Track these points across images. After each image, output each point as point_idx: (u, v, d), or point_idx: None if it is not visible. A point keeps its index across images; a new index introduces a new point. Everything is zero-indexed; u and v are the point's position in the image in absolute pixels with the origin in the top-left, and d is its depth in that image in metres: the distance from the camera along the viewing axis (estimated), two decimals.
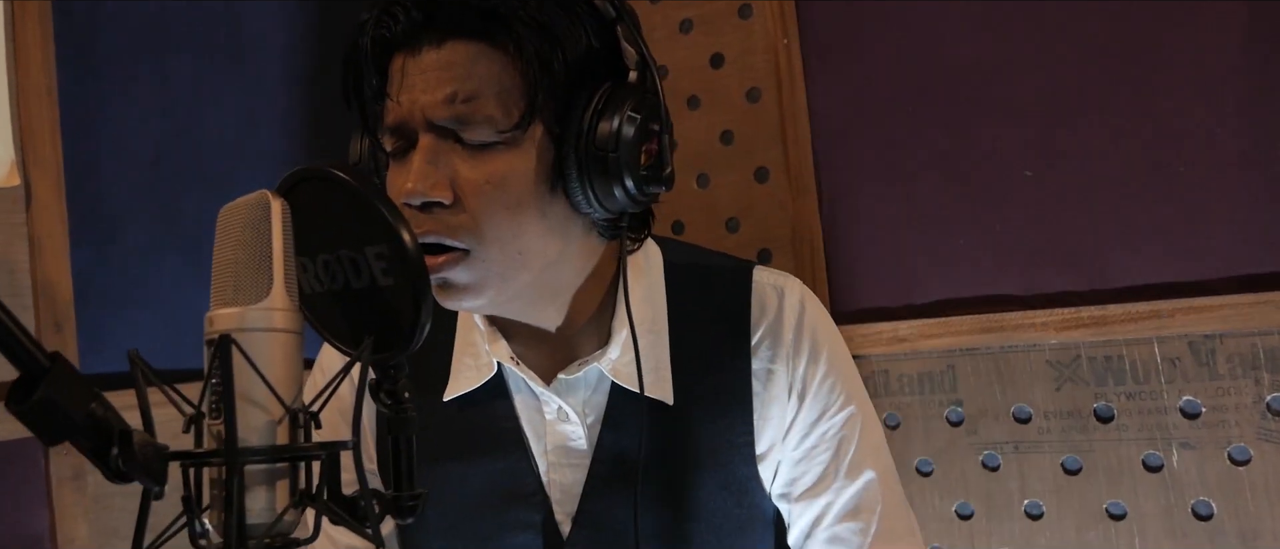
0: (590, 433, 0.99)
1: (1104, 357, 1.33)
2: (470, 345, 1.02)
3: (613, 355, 0.97)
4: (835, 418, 1.02)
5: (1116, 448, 1.33)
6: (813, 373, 1.02)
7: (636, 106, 0.86)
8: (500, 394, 1.01)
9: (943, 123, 1.45)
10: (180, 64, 1.41)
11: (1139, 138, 1.33)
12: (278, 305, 0.62)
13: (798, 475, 1.02)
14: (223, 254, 0.63)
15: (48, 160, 1.21)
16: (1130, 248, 1.33)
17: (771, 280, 1.05)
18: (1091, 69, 1.35)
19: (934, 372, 1.44)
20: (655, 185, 0.89)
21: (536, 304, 0.97)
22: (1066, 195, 1.37)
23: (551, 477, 0.99)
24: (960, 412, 1.43)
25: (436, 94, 0.84)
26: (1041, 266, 1.39)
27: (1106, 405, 1.34)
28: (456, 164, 0.86)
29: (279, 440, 0.62)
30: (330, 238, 0.66)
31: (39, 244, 1.20)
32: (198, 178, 1.38)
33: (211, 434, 0.60)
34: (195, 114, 1.42)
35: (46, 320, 1.19)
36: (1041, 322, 1.35)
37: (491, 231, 0.86)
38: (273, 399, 0.61)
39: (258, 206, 0.64)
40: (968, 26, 1.43)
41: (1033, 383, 1.38)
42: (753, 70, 1.59)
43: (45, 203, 1.21)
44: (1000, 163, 1.41)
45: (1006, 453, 1.40)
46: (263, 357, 0.61)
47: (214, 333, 0.61)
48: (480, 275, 0.88)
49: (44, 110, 1.21)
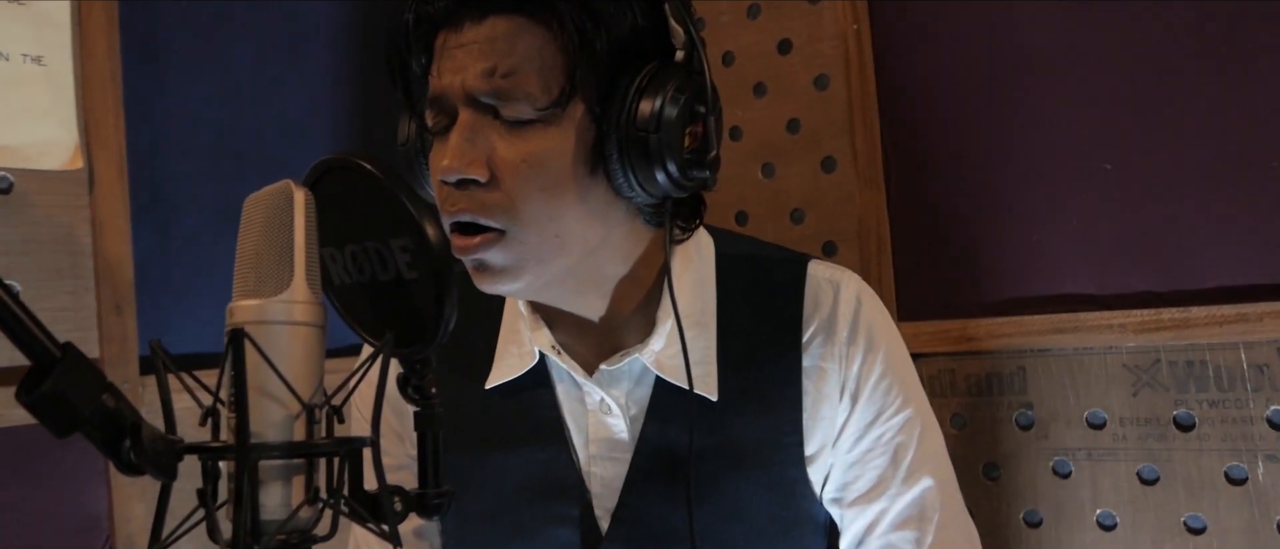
0: (633, 426, 0.97)
1: (1186, 361, 1.27)
2: (515, 333, 1.01)
3: (656, 347, 0.95)
4: (892, 421, 0.99)
5: (1197, 458, 1.27)
6: (867, 373, 0.99)
7: (681, 87, 0.84)
8: (542, 383, 1.00)
9: (1018, 112, 1.40)
10: (241, 53, 1.42)
11: (1227, 128, 1.26)
12: (299, 298, 0.61)
13: (850, 480, 0.99)
14: (245, 245, 0.63)
15: (111, 144, 1.23)
16: (1216, 245, 1.27)
17: (827, 274, 1.02)
18: (1176, 56, 1.29)
19: (1003, 373, 1.39)
20: (699, 170, 0.86)
21: (579, 292, 0.95)
22: (1148, 189, 1.31)
23: (591, 469, 0.98)
24: (1031, 415, 1.38)
25: (475, 68, 0.83)
26: (1120, 264, 1.33)
27: (1187, 413, 1.28)
28: (494, 141, 0.85)
29: (296, 436, 0.61)
30: (358, 229, 0.66)
31: (101, 227, 1.22)
32: (257, 163, 1.40)
33: (229, 427, 0.60)
34: (256, 100, 1.43)
35: (108, 302, 1.21)
36: (1119, 322, 1.30)
37: (527, 212, 0.85)
38: (289, 394, 0.60)
39: (280, 196, 0.64)
40: (1045, 11, 1.37)
41: (1108, 387, 1.32)
42: (821, 57, 1.55)
43: (108, 186, 1.23)
44: (1078, 154, 1.35)
45: (1079, 459, 1.35)
46: (281, 349, 0.60)
47: (232, 325, 0.60)
48: (517, 257, 0.86)
49: (108, 96, 1.23)
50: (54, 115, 1.18)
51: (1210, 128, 1.27)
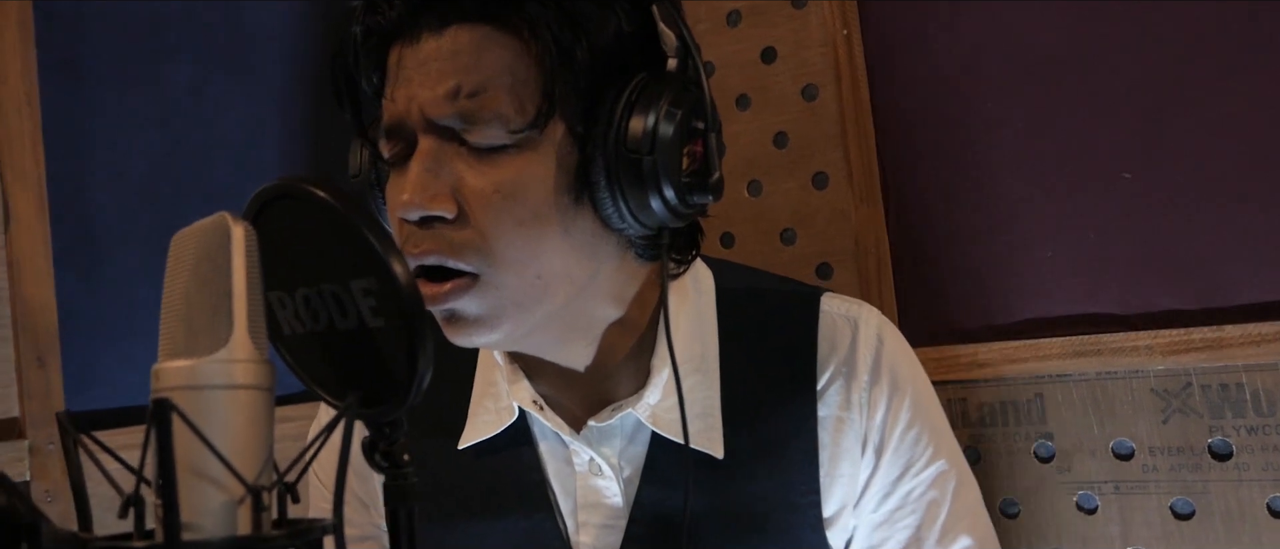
0: (626, 489, 0.89)
1: (1220, 385, 1.21)
2: (490, 385, 0.93)
3: (651, 400, 0.87)
4: (922, 475, 0.91)
5: (1236, 489, 1.20)
6: (893, 421, 0.91)
7: (676, 100, 0.76)
8: (524, 442, 0.91)
9: (1027, 120, 1.34)
10: (176, 69, 1.36)
11: (1256, 132, 1.20)
12: (239, 356, 0.52)
13: (877, 543, 0.92)
14: (172, 292, 0.53)
15: (29, 176, 1.16)
16: (1249, 259, 1.21)
17: (843, 310, 0.95)
18: (1199, 54, 1.23)
19: (1020, 400, 1.33)
20: (700, 195, 0.78)
21: (563, 340, 0.86)
22: (1173, 199, 1.25)
23: (581, 539, 0.89)
24: (1051, 446, 1.32)
25: (437, 88, 0.75)
26: (1145, 281, 1.27)
27: (1224, 440, 1.21)
28: (461, 171, 0.76)
29: (240, 526, 0.51)
30: (310, 269, 0.56)
31: (19, 269, 1.14)
32: (197, 195, 1.34)
33: (157, 516, 0.49)
34: (194, 124, 1.37)
35: (28, 354, 1.14)
36: (1145, 344, 1.24)
37: (504, 252, 0.76)
38: (230, 475, 0.50)
39: (215, 232, 0.55)
40: (1053, 9, 1.31)
41: (1135, 414, 1.26)
42: (809, 65, 1.49)
43: (27, 223, 1.15)
44: (1094, 164, 1.30)
45: (1105, 493, 1.28)
46: (219, 420, 0.51)
47: (158, 392, 0.50)
48: (493, 305, 0.77)
49: (24, 121, 1.15)
50: None
51: (1238, 131, 1.22)
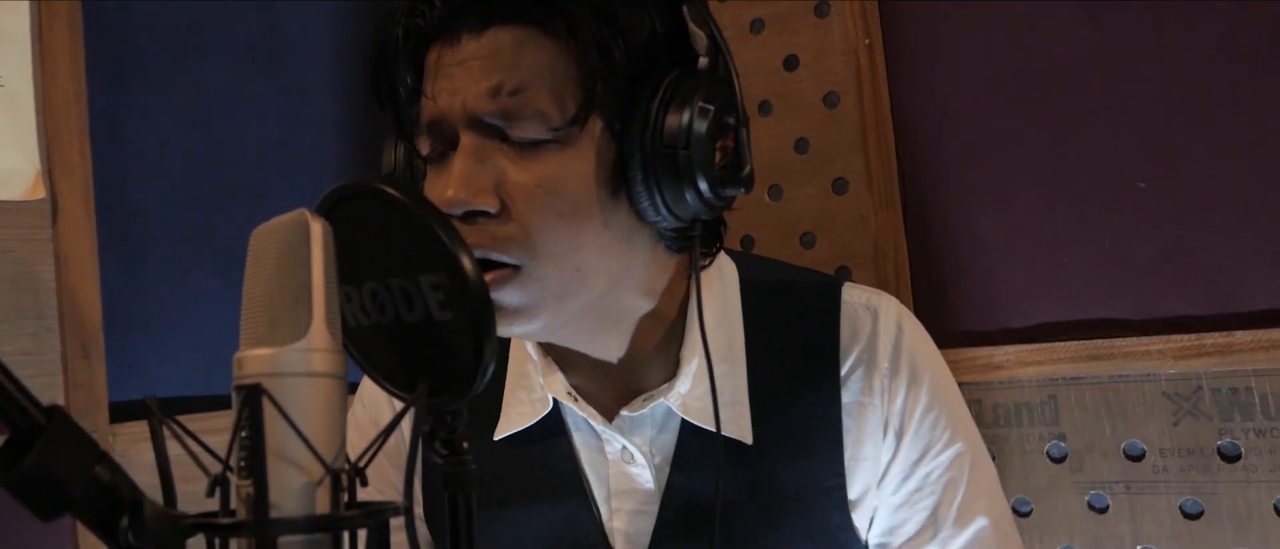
0: (658, 475, 0.90)
1: (1229, 388, 1.23)
2: (523, 377, 0.94)
3: (681, 389, 0.89)
4: (940, 458, 0.92)
5: (1244, 490, 1.22)
6: (912, 406, 0.93)
7: (709, 97, 0.77)
8: (557, 432, 0.92)
9: (1043, 128, 1.36)
10: (216, 69, 1.35)
11: (1268, 142, 1.23)
12: (317, 346, 0.54)
13: (898, 523, 0.93)
14: (255, 285, 0.55)
15: (76, 171, 1.15)
16: (1260, 266, 1.23)
17: (863, 300, 0.96)
18: (1212, 65, 1.25)
19: (1033, 402, 1.34)
20: (732, 187, 0.80)
21: (597, 331, 0.88)
22: (1186, 207, 1.27)
23: (614, 524, 0.90)
24: (1063, 447, 1.34)
25: (479, 86, 0.76)
26: (1157, 287, 1.29)
27: (1233, 443, 1.23)
28: (503, 166, 0.77)
29: (318, 505, 0.53)
30: (379, 264, 0.58)
31: (66, 261, 1.13)
32: (235, 190, 1.32)
33: (241, 497, 0.52)
34: (232, 122, 1.36)
35: (73, 345, 1.13)
36: (1157, 348, 1.26)
37: (545, 244, 0.77)
38: (311, 458, 0.52)
39: (295, 229, 0.56)
40: (1070, 20, 1.33)
41: (1147, 416, 1.28)
42: (830, 73, 1.51)
43: (73, 217, 1.14)
44: (1109, 171, 1.32)
45: (1116, 493, 1.30)
46: (299, 406, 0.53)
47: (244, 379, 0.52)
48: (534, 296, 0.79)
49: (72, 118, 1.14)
50: (13, 141, 1.10)
51: (1249, 142, 1.24)
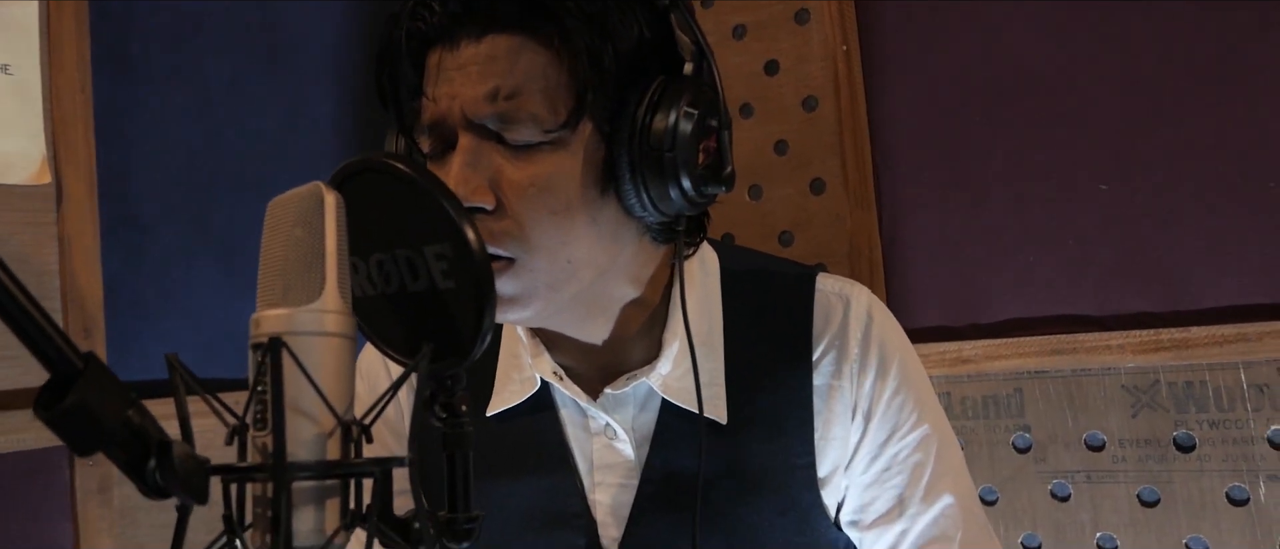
0: (639, 451, 0.94)
1: (1185, 382, 1.27)
2: (514, 358, 0.98)
3: (662, 370, 0.92)
4: (907, 439, 0.96)
5: (1198, 479, 1.26)
6: (880, 390, 0.96)
7: (693, 101, 0.81)
8: (545, 409, 0.96)
9: (1011, 132, 1.40)
10: (218, 63, 1.37)
11: (1224, 147, 1.27)
12: (330, 307, 0.57)
13: (868, 501, 0.96)
14: (272, 250, 0.58)
15: (80, 158, 1.17)
16: (1215, 265, 1.27)
17: (836, 288, 0.99)
18: (1172, 74, 1.29)
19: (1000, 395, 1.38)
20: (714, 186, 0.84)
21: (586, 317, 0.92)
22: (1145, 209, 1.31)
23: (596, 497, 0.94)
24: (1028, 438, 1.37)
25: (476, 90, 0.80)
26: (1118, 285, 1.33)
27: (1187, 434, 1.27)
28: (499, 165, 0.81)
29: (330, 455, 0.57)
30: (386, 236, 0.62)
31: (69, 245, 1.15)
32: (234, 180, 1.34)
33: (256, 447, 0.55)
34: (232, 114, 1.38)
35: (75, 325, 1.15)
36: (1117, 344, 1.30)
37: (538, 238, 0.81)
38: (324, 410, 0.56)
39: (310, 199, 0.60)
40: (1038, 30, 1.37)
41: (1107, 408, 1.31)
42: (809, 78, 1.55)
43: (77, 201, 1.16)
44: (1073, 174, 1.36)
45: (1078, 482, 1.34)
46: (313, 362, 0.56)
47: (262, 335, 0.55)
48: (527, 286, 0.83)
49: (77, 108, 1.17)
50: (21, 126, 1.12)
51: (1208, 147, 1.28)
